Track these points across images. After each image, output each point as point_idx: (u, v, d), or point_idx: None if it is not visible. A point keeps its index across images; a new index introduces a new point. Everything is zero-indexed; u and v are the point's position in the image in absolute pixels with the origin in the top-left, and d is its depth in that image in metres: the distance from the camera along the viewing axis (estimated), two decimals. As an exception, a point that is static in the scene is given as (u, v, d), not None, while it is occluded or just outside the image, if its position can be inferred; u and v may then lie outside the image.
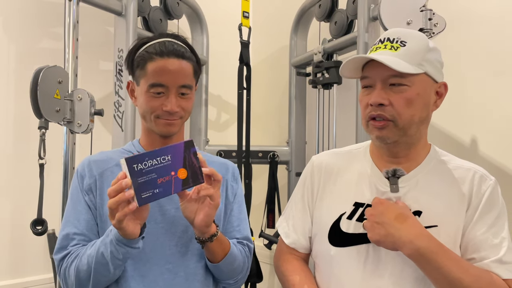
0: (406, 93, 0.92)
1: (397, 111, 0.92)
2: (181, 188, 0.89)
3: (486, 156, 1.58)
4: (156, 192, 0.87)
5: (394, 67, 0.89)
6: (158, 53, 1.01)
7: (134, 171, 0.86)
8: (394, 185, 0.97)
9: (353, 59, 0.96)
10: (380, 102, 0.92)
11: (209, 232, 0.97)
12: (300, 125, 2.30)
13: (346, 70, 1.00)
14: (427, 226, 0.93)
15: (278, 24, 2.58)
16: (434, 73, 0.94)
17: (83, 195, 1.04)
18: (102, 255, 0.93)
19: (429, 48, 0.94)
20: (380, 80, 0.94)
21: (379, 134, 0.95)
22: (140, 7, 1.87)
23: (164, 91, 1.02)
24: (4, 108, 1.84)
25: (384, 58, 0.91)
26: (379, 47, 0.96)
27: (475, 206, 0.94)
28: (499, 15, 1.56)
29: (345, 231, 1.00)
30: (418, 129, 0.96)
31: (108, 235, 0.94)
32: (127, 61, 1.08)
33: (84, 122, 1.55)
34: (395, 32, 0.97)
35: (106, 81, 2.03)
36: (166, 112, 1.02)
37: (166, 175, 0.88)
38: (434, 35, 1.47)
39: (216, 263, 1.04)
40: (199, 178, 0.91)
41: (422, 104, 0.94)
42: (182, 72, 1.02)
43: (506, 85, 1.54)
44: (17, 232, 1.84)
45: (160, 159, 0.88)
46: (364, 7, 1.67)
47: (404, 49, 0.93)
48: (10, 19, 1.87)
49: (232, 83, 2.15)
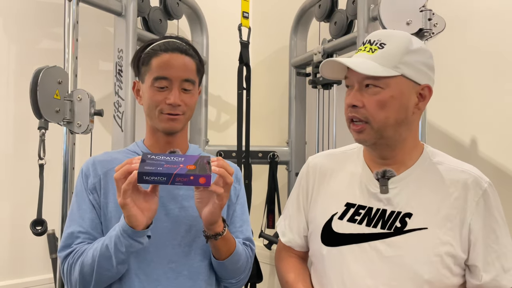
0: (379, 95, 0.92)
1: (370, 113, 0.93)
2: (184, 172, 0.88)
3: (485, 157, 1.58)
4: (160, 169, 0.87)
5: (360, 70, 0.90)
6: (162, 49, 1.05)
7: (147, 158, 0.90)
8: (384, 186, 0.98)
9: (327, 62, 0.98)
10: (354, 103, 0.94)
11: (214, 230, 0.98)
12: (300, 125, 2.30)
13: (327, 71, 1.02)
14: (417, 228, 0.93)
15: (278, 24, 2.58)
16: (413, 75, 0.93)
17: (88, 194, 1.05)
18: (106, 248, 0.94)
19: (410, 49, 0.93)
20: (356, 82, 0.95)
21: (357, 137, 0.98)
22: (140, 8, 1.87)
23: (168, 85, 1.04)
24: (4, 109, 1.85)
25: (355, 61, 0.93)
26: (360, 49, 0.98)
27: (472, 211, 0.93)
28: (499, 15, 1.56)
29: (336, 231, 1.01)
30: (396, 131, 0.95)
31: (115, 228, 0.95)
32: (133, 62, 1.11)
33: (84, 122, 1.55)
34: (377, 34, 0.97)
35: (106, 81, 2.03)
36: (169, 105, 1.03)
37: (174, 165, 0.90)
38: (434, 35, 1.47)
39: (221, 261, 1.05)
40: (206, 170, 0.90)
41: (398, 106, 0.93)
42: (185, 67, 1.05)
43: (505, 86, 1.54)
44: (17, 232, 1.84)
45: (173, 158, 0.93)
46: (364, 7, 1.67)
47: (381, 51, 0.93)
48: (10, 20, 1.87)
49: (232, 84, 2.15)
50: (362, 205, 1.00)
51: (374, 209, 0.98)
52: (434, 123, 1.72)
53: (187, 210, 1.06)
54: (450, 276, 0.92)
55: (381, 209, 0.97)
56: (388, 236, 0.95)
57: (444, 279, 0.91)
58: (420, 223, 0.94)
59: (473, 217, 0.93)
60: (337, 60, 0.95)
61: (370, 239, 0.96)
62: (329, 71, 1.02)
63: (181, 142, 1.12)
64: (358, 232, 0.98)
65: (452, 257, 0.92)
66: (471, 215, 0.93)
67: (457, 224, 0.93)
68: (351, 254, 0.97)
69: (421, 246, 0.92)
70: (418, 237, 0.93)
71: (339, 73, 1.01)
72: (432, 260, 0.91)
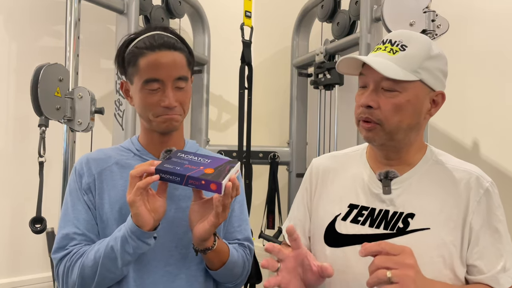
0: (395, 98, 0.91)
1: (384, 115, 0.92)
2: (198, 175, 0.88)
3: (486, 158, 1.58)
4: (177, 169, 0.89)
5: (382, 72, 0.88)
6: (148, 47, 0.97)
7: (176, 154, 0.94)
8: (387, 187, 0.97)
9: (346, 59, 0.96)
10: (369, 104, 0.93)
11: (203, 245, 0.96)
12: (301, 125, 2.30)
13: (343, 67, 1.00)
14: (419, 228, 0.93)
15: (280, 24, 2.57)
16: (431, 81, 0.93)
17: (82, 194, 1.02)
18: (111, 249, 0.92)
19: (430, 55, 0.92)
20: (373, 82, 0.93)
21: (366, 135, 0.96)
22: (142, 6, 1.86)
23: (160, 86, 0.98)
24: (5, 106, 1.84)
25: (376, 61, 0.91)
26: (380, 47, 0.96)
27: (473, 210, 0.93)
28: (501, 17, 1.56)
29: (339, 232, 1.01)
30: (406, 135, 0.95)
31: (120, 229, 0.93)
32: (117, 60, 1.04)
33: (85, 120, 1.54)
34: (399, 34, 0.96)
35: (107, 79, 2.03)
36: (164, 108, 0.98)
37: (194, 166, 0.91)
38: (437, 36, 1.47)
39: (214, 271, 1.03)
40: (221, 176, 0.89)
41: (412, 111, 0.93)
42: (175, 64, 0.98)
43: (507, 87, 1.53)
44: (16, 230, 1.84)
45: (200, 158, 0.94)
46: (366, 8, 1.67)
47: (403, 53, 0.92)
48: (11, 17, 1.86)
49: (233, 83, 2.15)
50: (365, 206, 0.99)
51: (377, 210, 0.98)
52: (436, 125, 1.72)
53: (185, 211, 1.01)
54: (452, 277, 0.91)
55: (384, 210, 0.97)
56: (391, 237, 0.94)
57: (447, 279, 0.91)
58: (423, 223, 0.93)
59: (474, 216, 0.92)
60: (358, 57, 0.93)
61: (373, 239, 0.96)
62: (344, 67, 1.00)
63: (177, 140, 1.08)
64: (361, 233, 0.98)
65: (455, 257, 0.92)
66: (472, 214, 0.93)
67: (460, 223, 0.93)
68: (354, 255, 0.97)
69: (424, 247, 0.92)
70: (421, 238, 0.92)
71: (353, 69, 0.99)
72: (434, 260, 0.91)
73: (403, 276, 0.78)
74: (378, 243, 0.82)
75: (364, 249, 0.82)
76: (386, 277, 0.78)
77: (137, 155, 1.07)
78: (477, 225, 0.92)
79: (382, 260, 0.80)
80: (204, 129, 2.28)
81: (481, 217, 0.93)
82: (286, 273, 0.88)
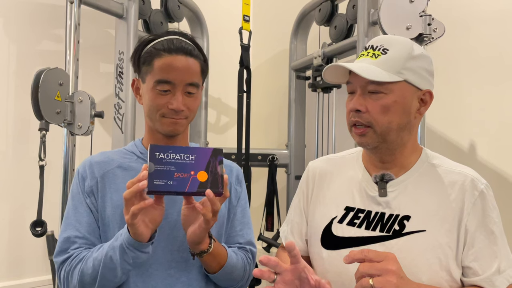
0: (382, 100, 0.93)
1: (373, 118, 0.94)
2: (196, 189, 0.86)
3: (483, 160, 1.59)
4: (170, 183, 0.85)
5: (365, 75, 0.91)
6: (166, 49, 0.99)
7: (155, 158, 0.86)
8: (382, 190, 0.98)
9: (330, 67, 0.98)
10: (357, 108, 0.95)
11: (198, 248, 0.96)
12: (299, 128, 2.31)
13: (329, 76, 1.03)
14: (415, 230, 0.94)
15: (278, 28, 2.59)
16: (416, 80, 0.95)
17: (84, 197, 1.02)
18: (110, 259, 0.91)
19: (412, 55, 0.94)
20: (359, 87, 0.96)
21: (359, 141, 0.98)
22: (141, 10, 1.88)
23: (171, 89, 0.99)
24: (5, 110, 1.85)
25: (360, 66, 0.93)
26: (363, 54, 0.99)
27: (469, 212, 0.94)
28: (498, 20, 1.57)
29: (336, 235, 1.02)
30: (398, 135, 0.97)
31: (117, 238, 0.92)
32: (133, 58, 1.05)
33: (85, 124, 1.55)
34: (380, 39, 0.98)
35: (107, 83, 2.04)
36: (171, 110, 0.99)
37: (185, 172, 0.87)
38: (433, 40, 1.48)
39: (212, 274, 1.03)
40: (218, 186, 0.88)
41: (401, 111, 0.94)
42: (189, 70, 1.00)
43: (504, 90, 1.55)
44: (16, 233, 1.85)
45: (184, 156, 0.88)
46: (364, 12, 1.68)
47: (384, 57, 0.94)
48: (11, 21, 1.88)
49: (232, 86, 2.16)
50: (361, 209, 1.00)
51: (373, 212, 0.99)
52: (433, 127, 1.73)
53: None
54: (448, 279, 0.92)
55: (380, 212, 0.98)
56: (387, 239, 0.95)
57: (443, 281, 0.92)
58: (419, 225, 0.94)
59: (469, 218, 0.93)
60: (340, 65, 0.96)
61: (370, 242, 0.97)
62: (331, 76, 1.03)
63: (181, 143, 1.09)
64: (357, 236, 0.99)
65: (450, 259, 0.93)
66: (468, 216, 0.94)
67: (455, 225, 0.94)
68: None
69: (420, 249, 0.93)
70: (417, 240, 0.93)
71: (341, 77, 1.02)
72: (430, 262, 0.92)
73: (384, 282, 0.80)
74: (361, 250, 0.84)
75: (348, 256, 0.84)
76: (369, 284, 0.80)
77: (141, 158, 1.07)
78: (472, 227, 0.93)
79: (365, 267, 0.82)
80: (203, 132, 2.29)
81: (476, 219, 0.94)
82: (283, 285, 0.88)
